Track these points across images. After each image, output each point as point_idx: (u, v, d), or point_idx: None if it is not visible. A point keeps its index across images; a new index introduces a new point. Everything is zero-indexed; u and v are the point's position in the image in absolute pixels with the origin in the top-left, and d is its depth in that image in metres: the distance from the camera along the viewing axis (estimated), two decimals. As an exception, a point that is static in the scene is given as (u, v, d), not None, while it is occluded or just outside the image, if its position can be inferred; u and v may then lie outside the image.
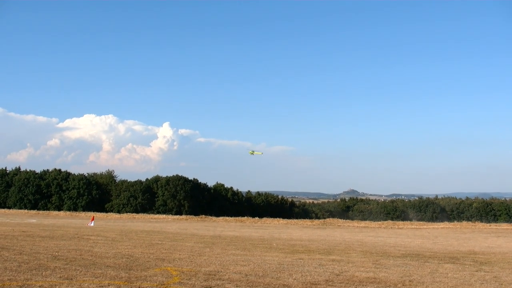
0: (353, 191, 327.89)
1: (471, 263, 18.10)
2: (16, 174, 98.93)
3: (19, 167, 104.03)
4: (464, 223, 58.24)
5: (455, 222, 59.92)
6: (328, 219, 66.91)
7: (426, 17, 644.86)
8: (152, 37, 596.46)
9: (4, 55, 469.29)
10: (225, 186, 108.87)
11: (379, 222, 60.21)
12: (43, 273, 12.26)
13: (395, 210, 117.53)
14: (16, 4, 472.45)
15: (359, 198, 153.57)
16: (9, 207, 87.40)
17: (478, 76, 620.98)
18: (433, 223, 62.70)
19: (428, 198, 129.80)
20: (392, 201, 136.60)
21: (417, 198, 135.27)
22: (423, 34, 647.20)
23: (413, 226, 54.39)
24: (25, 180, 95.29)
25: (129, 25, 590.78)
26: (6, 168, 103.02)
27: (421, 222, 62.29)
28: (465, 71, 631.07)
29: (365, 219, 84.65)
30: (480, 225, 55.88)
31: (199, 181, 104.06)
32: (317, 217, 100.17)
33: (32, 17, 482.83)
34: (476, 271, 15.79)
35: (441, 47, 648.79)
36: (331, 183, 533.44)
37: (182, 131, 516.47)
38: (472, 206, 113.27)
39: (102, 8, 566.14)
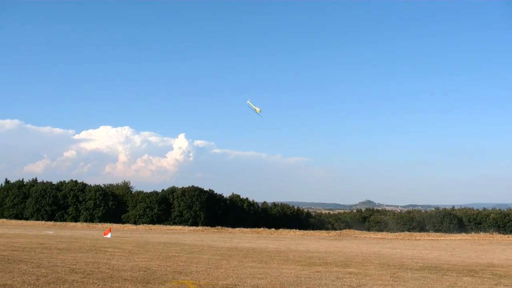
0: (369, 202, 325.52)
1: (490, 276, 17.84)
2: (33, 186, 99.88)
3: (36, 178, 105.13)
4: (482, 234, 57.53)
5: (473, 234, 59.22)
6: (344, 230, 66.53)
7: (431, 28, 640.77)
8: (167, 49, 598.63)
9: (21, 67, 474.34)
10: (241, 197, 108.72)
11: (396, 234, 59.77)
12: (61, 287, 12.34)
13: (412, 221, 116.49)
14: (30, 15, 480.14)
15: (375, 208, 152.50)
16: (26, 218, 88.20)
17: (494, 88, 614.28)
18: (450, 234, 62.06)
19: (444, 209, 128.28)
20: (409, 212, 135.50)
21: (433, 209, 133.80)
22: (429, 46, 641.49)
23: (430, 238, 53.81)
24: (42, 191, 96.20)
25: (145, 37, 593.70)
26: (23, 179, 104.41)
27: (438, 234, 61.70)
28: (480, 83, 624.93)
29: (381, 230, 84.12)
30: (498, 236, 55.14)
31: (214, 192, 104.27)
32: (334, 228, 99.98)
33: (48, 29, 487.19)
34: (496, 284, 15.56)
35: (457, 59, 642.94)
36: (346, 194, 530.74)
37: (198, 142, 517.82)
38: (490, 217, 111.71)
39: (117, 19, 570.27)
